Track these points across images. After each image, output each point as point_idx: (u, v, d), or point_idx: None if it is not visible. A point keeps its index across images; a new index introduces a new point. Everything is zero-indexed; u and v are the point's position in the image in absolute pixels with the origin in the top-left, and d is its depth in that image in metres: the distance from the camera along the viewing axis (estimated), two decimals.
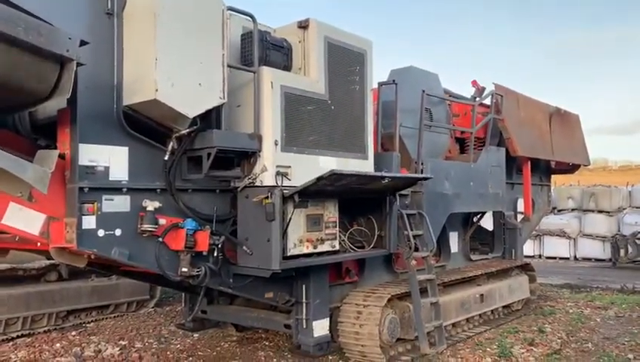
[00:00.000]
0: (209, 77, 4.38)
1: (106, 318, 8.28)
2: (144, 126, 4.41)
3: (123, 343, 6.87)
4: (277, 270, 4.72)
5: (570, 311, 8.87)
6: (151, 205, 4.36)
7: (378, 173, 5.29)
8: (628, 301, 9.58)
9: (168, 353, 6.49)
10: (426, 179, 6.18)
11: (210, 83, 4.39)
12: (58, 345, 6.87)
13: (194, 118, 4.42)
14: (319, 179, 4.56)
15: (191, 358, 6.30)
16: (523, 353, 6.42)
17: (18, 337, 7.12)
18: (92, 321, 8.07)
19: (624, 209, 17.00)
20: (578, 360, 6.18)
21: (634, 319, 8.32)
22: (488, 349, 6.57)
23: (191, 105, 4.26)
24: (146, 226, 4.31)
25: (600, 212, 17.13)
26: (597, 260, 16.50)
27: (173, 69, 4.13)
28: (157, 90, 4.01)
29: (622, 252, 15.11)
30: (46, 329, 7.55)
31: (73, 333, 7.42)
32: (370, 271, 6.55)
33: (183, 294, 6.64)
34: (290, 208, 4.84)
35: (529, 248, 17.43)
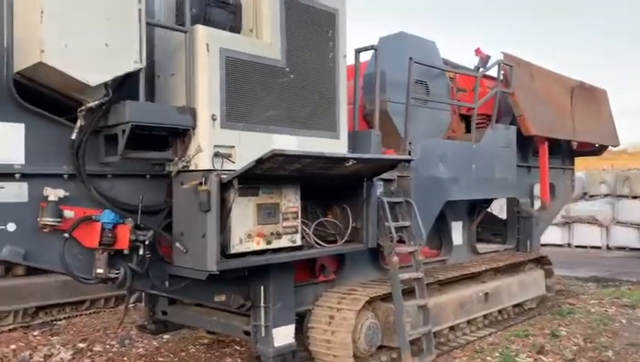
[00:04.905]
0: (120, 36, 3.57)
1: (81, 315, 7.72)
2: (47, 99, 3.66)
3: (81, 346, 6.23)
4: (214, 271, 3.91)
5: (592, 309, 7.85)
6: (53, 194, 3.59)
7: (340, 155, 4.40)
8: None
9: (125, 358, 5.82)
10: (407, 161, 5.25)
11: (122, 44, 3.58)
12: (13, 346, 6.28)
13: (106, 87, 3.65)
14: (259, 161, 3.73)
15: None
16: None
17: None
18: (64, 318, 7.51)
19: None
20: None
21: None
22: (489, 358, 5.68)
23: (94, 70, 3.46)
24: (46, 219, 3.55)
25: (635, 198, 15.88)
26: (631, 249, 15.27)
27: (67, 25, 3.33)
28: (43, 52, 3.23)
29: None
30: (12, 326, 7.04)
31: (35, 333, 6.84)
32: (352, 268, 5.69)
33: (143, 293, 5.93)
34: (233, 197, 4.01)
35: (557, 236, 16.33)
